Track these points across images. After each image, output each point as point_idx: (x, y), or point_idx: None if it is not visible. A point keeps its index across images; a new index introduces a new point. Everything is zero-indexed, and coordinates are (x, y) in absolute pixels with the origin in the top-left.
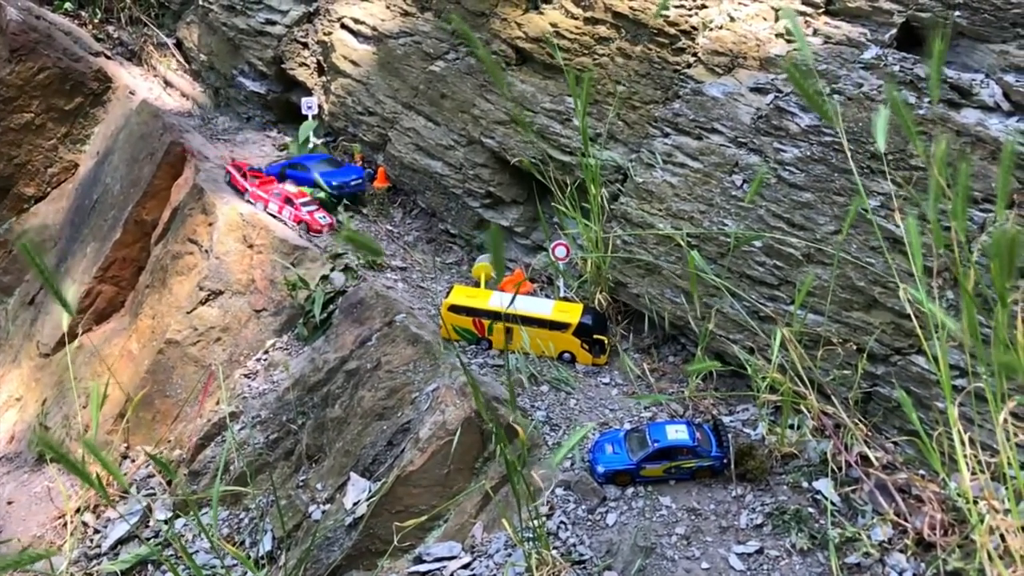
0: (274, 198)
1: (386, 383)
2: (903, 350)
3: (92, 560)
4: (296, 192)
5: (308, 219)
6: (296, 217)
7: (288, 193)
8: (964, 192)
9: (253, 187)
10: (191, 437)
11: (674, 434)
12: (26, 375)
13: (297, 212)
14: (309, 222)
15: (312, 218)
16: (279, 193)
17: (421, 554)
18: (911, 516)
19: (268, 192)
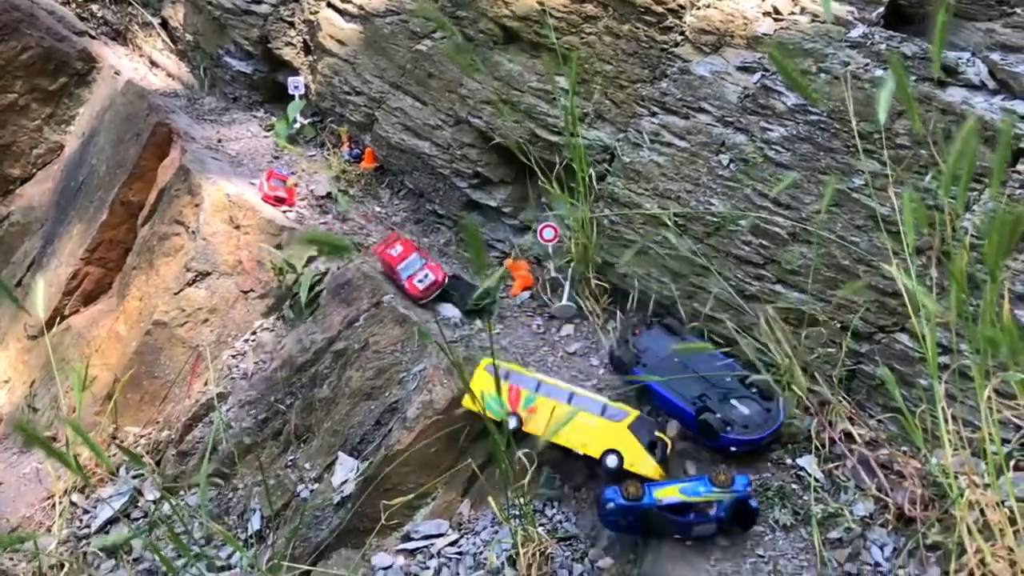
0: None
1: (374, 363)
2: (887, 328)
3: (81, 540)
4: (399, 255)
5: (406, 286)
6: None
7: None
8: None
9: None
10: (179, 418)
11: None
12: (13, 357)
13: (395, 277)
14: (407, 289)
15: (411, 284)
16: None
17: (409, 532)
18: (893, 491)
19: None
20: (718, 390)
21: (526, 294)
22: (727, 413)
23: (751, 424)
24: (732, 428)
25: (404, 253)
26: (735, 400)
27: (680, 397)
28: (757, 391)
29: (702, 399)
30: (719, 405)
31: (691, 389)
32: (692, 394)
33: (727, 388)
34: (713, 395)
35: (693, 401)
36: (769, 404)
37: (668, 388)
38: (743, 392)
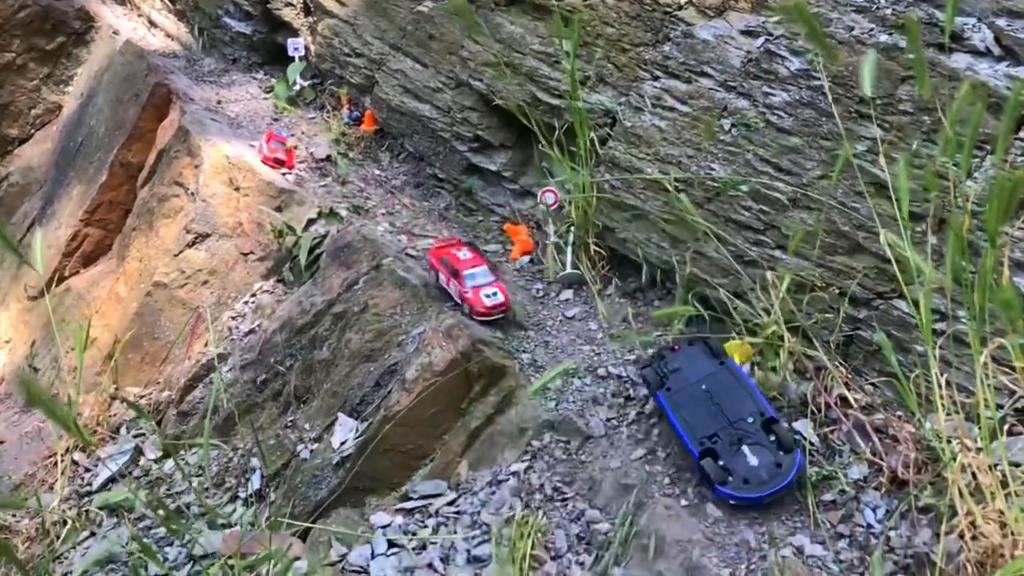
0: (444, 269)
1: (373, 326)
2: (885, 294)
3: (83, 498)
4: (468, 260)
5: (470, 296)
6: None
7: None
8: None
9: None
10: (180, 378)
11: None
12: (14, 317)
13: (460, 287)
14: (472, 302)
15: (476, 297)
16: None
17: (408, 491)
18: (887, 455)
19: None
20: (734, 431)
21: (526, 259)
22: (732, 461)
23: (754, 479)
24: (731, 480)
25: (474, 261)
26: (747, 447)
27: (690, 433)
28: (776, 439)
29: (712, 439)
30: (727, 449)
31: (705, 425)
32: (704, 432)
33: (745, 431)
34: (726, 437)
35: (701, 440)
36: (783, 457)
37: (682, 420)
38: (760, 438)
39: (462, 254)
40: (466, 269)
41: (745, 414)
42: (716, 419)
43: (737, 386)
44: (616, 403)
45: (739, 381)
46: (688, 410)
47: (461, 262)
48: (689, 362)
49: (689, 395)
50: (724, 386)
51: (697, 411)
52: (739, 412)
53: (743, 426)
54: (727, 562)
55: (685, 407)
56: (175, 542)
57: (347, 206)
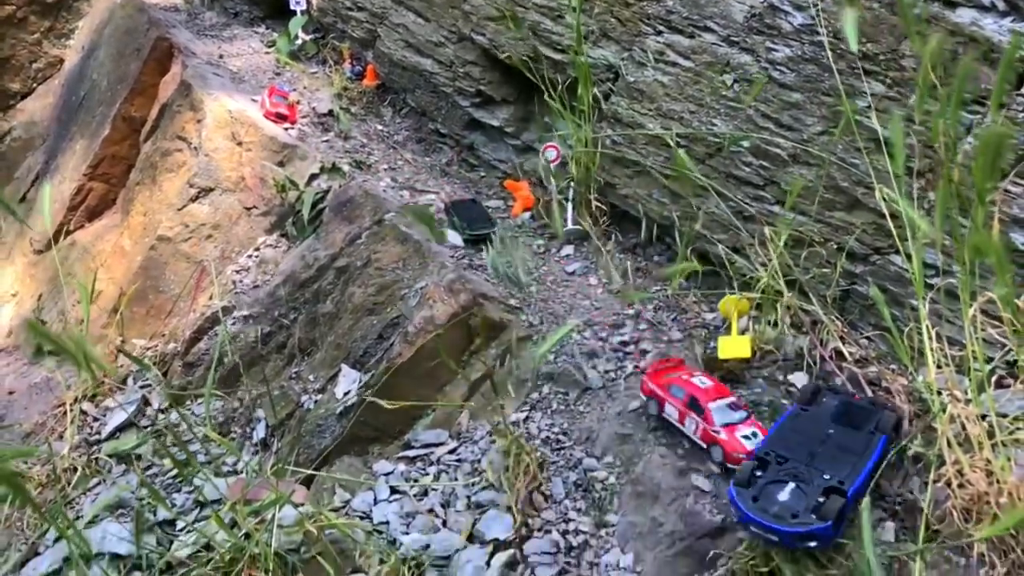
0: (674, 399)
1: (376, 280)
2: (882, 250)
3: (92, 446)
4: (710, 389)
5: (724, 436)
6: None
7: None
8: (959, 91)
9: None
10: (185, 331)
11: None
12: (20, 271)
13: (705, 424)
14: (727, 445)
15: (732, 439)
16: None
17: (410, 440)
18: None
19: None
20: (803, 470)
21: (527, 215)
22: (767, 483)
23: (766, 505)
24: (747, 490)
25: (718, 389)
26: (793, 485)
27: (771, 441)
28: (823, 502)
29: (780, 459)
30: (776, 473)
31: (791, 448)
32: (782, 450)
33: (808, 477)
34: (791, 468)
35: (768, 452)
36: (806, 515)
37: (781, 429)
38: (812, 491)
39: (700, 380)
40: (711, 401)
41: (829, 470)
42: (803, 454)
43: (856, 454)
44: (614, 356)
45: (864, 452)
46: (797, 431)
47: (702, 391)
48: (849, 408)
49: (815, 425)
50: (848, 448)
51: (800, 437)
52: (827, 467)
53: (813, 475)
54: (720, 509)
55: (800, 428)
56: (182, 488)
57: (349, 161)
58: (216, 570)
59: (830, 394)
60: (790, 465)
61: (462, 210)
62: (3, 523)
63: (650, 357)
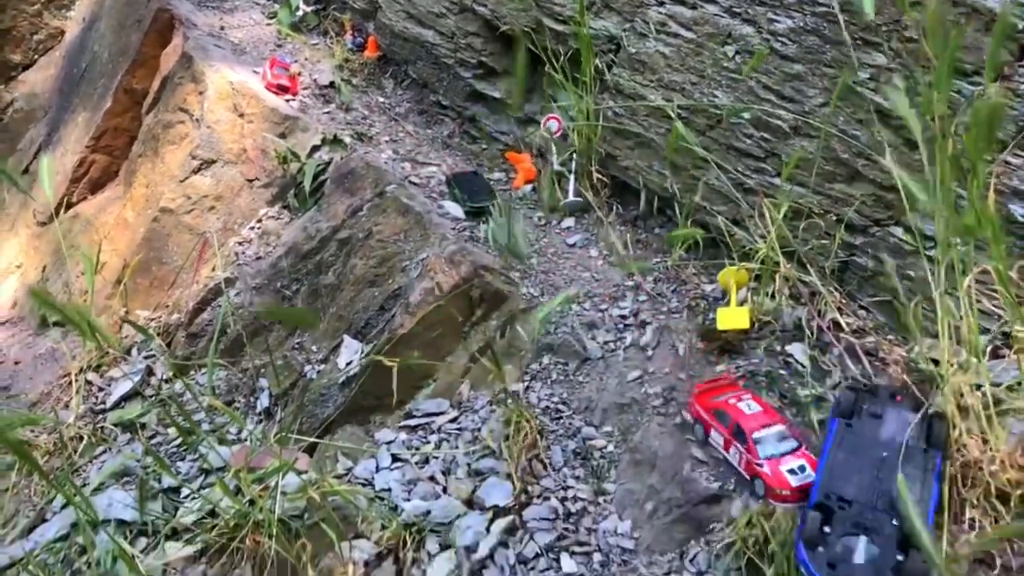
0: (719, 426)
1: (377, 252)
2: (882, 221)
3: (98, 415)
4: (757, 415)
5: (767, 470)
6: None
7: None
8: (951, 61)
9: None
10: (188, 302)
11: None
12: (24, 243)
13: (749, 455)
14: (770, 480)
15: (776, 472)
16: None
17: (411, 410)
18: (876, 377)
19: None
20: (870, 516)
21: (528, 187)
22: (838, 539)
23: (843, 570)
24: (820, 551)
25: (767, 417)
26: (867, 540)
27: (826, 478)
28: (903, 562)
29: (842, 504)
30: (845, 524)
31: (849, 485)
32: (841, 490)
33: (880, 525)
34: (856, 513)
35: (829, 495)
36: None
37: (831, 459)
38: (888, 545)
39: (746, 405)
40: (757, 430)
41: (897, 512)
42: (865, 490)
43: (919, 483)
44: (614, 328)
45: (925, 479)
46: (847, 458)
47: (747, 418)
48: (897, 422)
49: (863, 447)
50: (907, 470)
51: (855, 467)
52: (893, 505)
53: (882, 521)
54: (716, 476)
55: (847, 452)
56: (186, 457)
57: (351, 133)
58: (221, 536)
59: (870, 397)
60: (856, 511)
61: (463, 182)
62: (11, 490)
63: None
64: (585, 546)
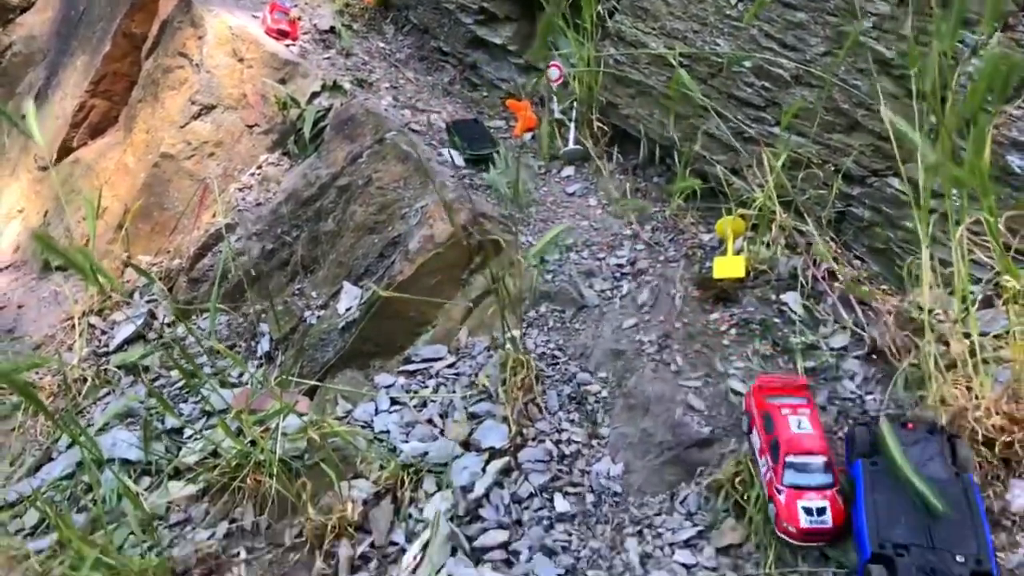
0: (762, 431)
1: (377, 199)
2: (880, 172)
3: (101, 358)
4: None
5: (782, 503)
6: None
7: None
8: (960, 10)
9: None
10: (189, 247)
11: None
12: (26, 188)
13: (773, 475)
14: (780, 510)
15: (790, 505)
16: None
17: (410, 355)
18: (868, 326)
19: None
20: (932, 558)
21: (528, 135)
22: None
23: None
24: None
25: (811, 440)
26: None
27: (873, 526)
28: None
29: (899, 551)
30: (911, 572)
31: (899, 529)
32: (893, 536)
33: (946, 567)
34: (918, 558)
35: (883, 544)
36: None
37: (871, 505)
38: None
39: (797, 421)
40: (792, 453)
41: (957, 547)
42: (916, 532)
43: (964, 511)
44: (611, 276)
45: (970, 507)
46: (886, 500)
47: (790, 436)
48: (918, 450)
49: (896, 485)
50: (947, 503)
51: (897, 508)
52: (951, 542)
53: (947, 561)
54: (707, 421)
55: (884, 494)
56: (189, 399)
57: (351, 79)
58: (222, 475)
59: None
60: (917, 555)
61: (463, 130)
62: (17, 430)
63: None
64: (578, 487)
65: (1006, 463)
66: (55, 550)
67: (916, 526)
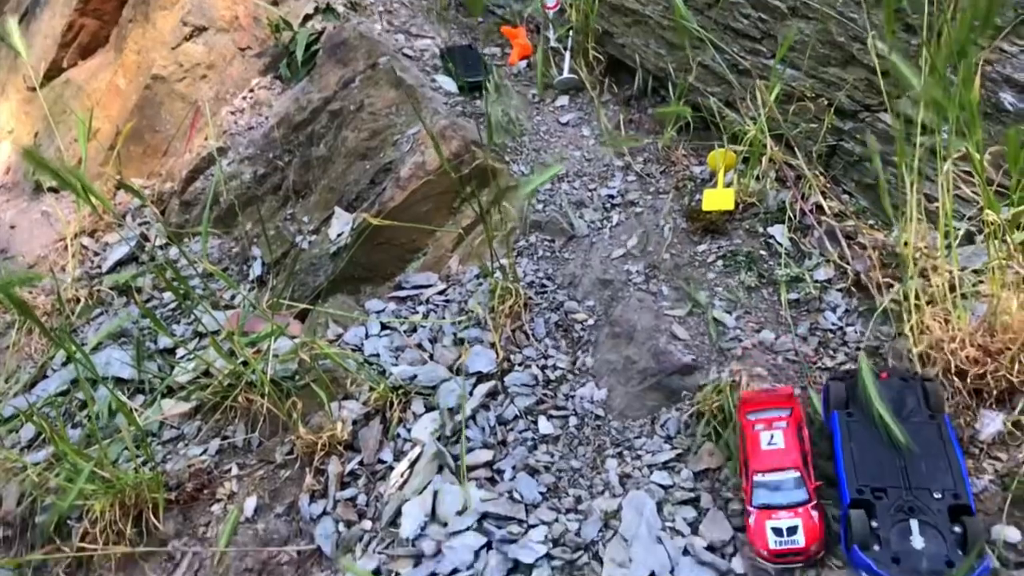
0: (739, 446)
1: (369, 124)
2: (872, 107)
3: (94, 279)
4: (773, 453)
5: (752, 525)
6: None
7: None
8: None
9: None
10: (181, 170)
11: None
12: (15, 108)
13: (744, 495)
14: (751, 533)
15: (759, 527)
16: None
17: (401, 282)
18: (853, 260)
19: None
20: (909, 497)
21: (523, 63)
22: (889, 530)
23: (908, 563)
24: (878, 550)
25: (782, 456)
26: (918, 523)
27: (850, 473)
28: (961, 534)
29: (877, 494)
30: (889, 514)
31: (875, 474)
32: (870, 480)
33: (924, 504)
34: (894, 499)
35: (861, 488)
36: (959, 557)
37: (848, 454)
38: (940, 522)
39: (769, 437)
40: (761, 471)
41: (934, 485)
42: (893, 474)
43: (939, 450)
44: (601, 207)
45: (944, 446)
46: (862, 447)
47: (759, 454)
48: (892, 397)
49: (872, 432)
50: (922, 443)
51: (873, 454)
52: (927, 480)
53: (924, 498)
54: (690, 349)
55: (860, 442)
56: (181, 321)
57: (344, 2)
58: (215, 394)
59: (852, 382)
60: (895, 496)
61: (457, 56)
62: (12, 348)
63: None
64: (562, 410)
65: (977, 393)
66: (51, 463)
67: (893, 469)
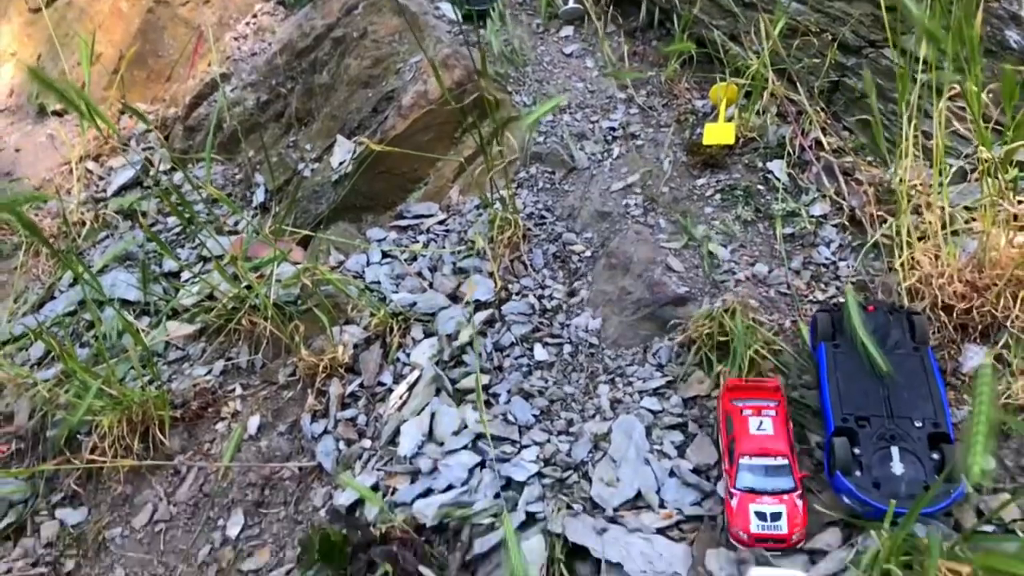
0: (723, 432)
1: (371, 52)
2: (876, 43)
3: (99, 203)
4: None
5: (734, 508)
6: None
7: None
8: None
9: None
10: (185, 96)
11: None
12: (17, 30)
13: (728, 478)
14: (732, 517)
15: (742, 510)
16: None
17: (402, 211)
18: (849, 195)
19: None
20: (891, 425)
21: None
22: (871, 456)
23: (887, 487)
24: (859, 475)
25: (767, 442)
26: (898, 450)
27: (835, 402)
28: (939, 460)
29: (860, 423)
30: (871, 441)
31: (859, 403)
32: (853, 409)
33: (904, 432)
34: (877, 428)
35: (845, 417)
36: (936, 480)
37: (834, 384)
38: (919, 449)
39: (758, 423)
40: (747, 454)
41: (915, 414)
42: (876, 403)
43: (921, 381)
44: (602, 139)
45: (927, 377)
46: (847, 378)
47: (747, 437)
48: (877, 329)
49: (857, 363)
50: (905, 374)
51: (858, 384)
52: (908, 409)
53: (906, 427)
54: (684, 281)
55: (845, 373)
56: (185, 245)
57: None
58: (219, 317)
59: (840, 314)
60: (877, 425)
61: None
62: (20, 269)
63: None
64: (557, 338)
65: (963, 328)
66: (60, 379)
67: (876, 398)
